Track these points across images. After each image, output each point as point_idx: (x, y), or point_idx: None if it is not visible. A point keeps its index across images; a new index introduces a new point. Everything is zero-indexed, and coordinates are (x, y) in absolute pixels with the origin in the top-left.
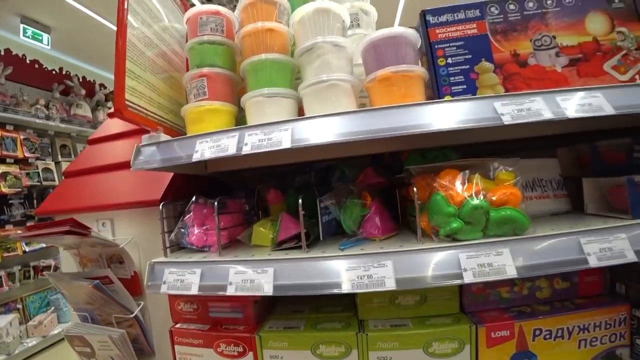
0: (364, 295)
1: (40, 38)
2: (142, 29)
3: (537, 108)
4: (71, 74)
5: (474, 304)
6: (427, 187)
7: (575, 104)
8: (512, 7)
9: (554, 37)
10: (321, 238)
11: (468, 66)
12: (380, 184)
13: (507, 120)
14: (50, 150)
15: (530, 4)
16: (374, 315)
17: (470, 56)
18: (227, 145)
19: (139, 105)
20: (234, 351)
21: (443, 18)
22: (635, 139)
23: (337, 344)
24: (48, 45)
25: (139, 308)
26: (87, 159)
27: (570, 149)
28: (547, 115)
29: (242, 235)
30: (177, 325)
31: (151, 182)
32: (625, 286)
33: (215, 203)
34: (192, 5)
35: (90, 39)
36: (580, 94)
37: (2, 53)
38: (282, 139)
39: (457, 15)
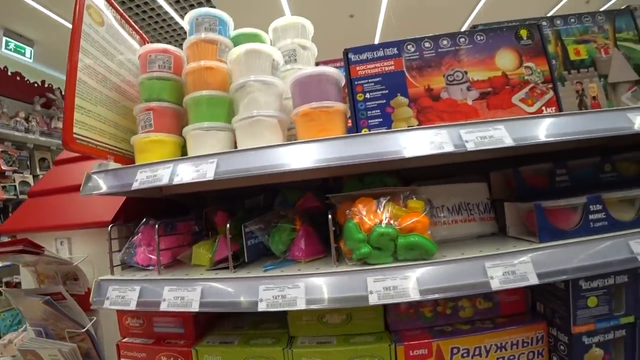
0: (293, 313)
1: (23, 51)
2: (94, 66)
3: (440, 141)
4: (53, 87)
5: (398, 323)
6: (346, 213)
7: (476, 137)
8: (427, 45)
9: (466, 73)
10: (246, 260)
11: (384, 100)
12: (317, 208)
13: (408, 153)
14: (28, 163)
15: (445, 42)
16: (303, 332)
17: (387, 91)
18: (162, 175)
19: (87, 137)
20: None
21: (364, 56)
22: (557, 163)
23: (265, 358)
24: (30, 58)
25: (91, 323)
26: (51, 180)
27: (501, 173)
28: (449, 148)
29: (182, 255)
30: (124, 340)
31: (107, 204)
32: (544, 305)
33: (157, 226)
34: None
35: None
36: (483, 126)
37: None
38: (208, 170)
39: (376, 53)
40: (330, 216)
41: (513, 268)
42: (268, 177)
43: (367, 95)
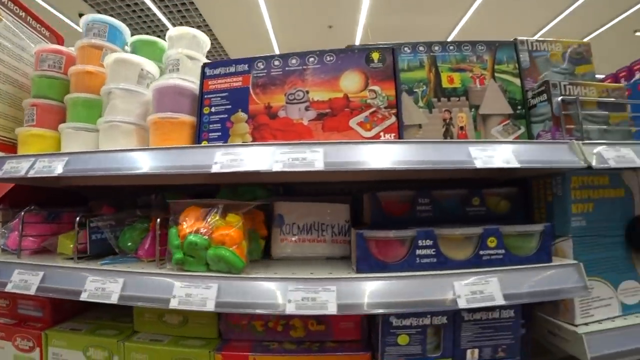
0: (137, 309)
1: None
2: None
3: (255, 159)
4: None
5: (229, 332)
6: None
7: (288, 158)
8: (276, 63)
9: (307, 92)
10: (88, 253)
11: (226, 115)
12: None
13: (216, 169)
14: None
15: (294, 61)
16: (146, 329)
17: (230, 106)
18: (22, 168)
19: None
20: (25, 345)
21: (217, 71)
22: (419, 192)
23: (102, 348)
24: None
25: None
26: None
27: (368, 197)
28: (261, 167)
29: (47, 243)
30: None
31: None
32: (369, 335)
33: (22, 213)
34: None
35: None
36: (300, 148)
37: None
38: (57, 167)
39: (229, 69)
40: (158, 220)
41: (315, 295)
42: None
43: (213, 109)
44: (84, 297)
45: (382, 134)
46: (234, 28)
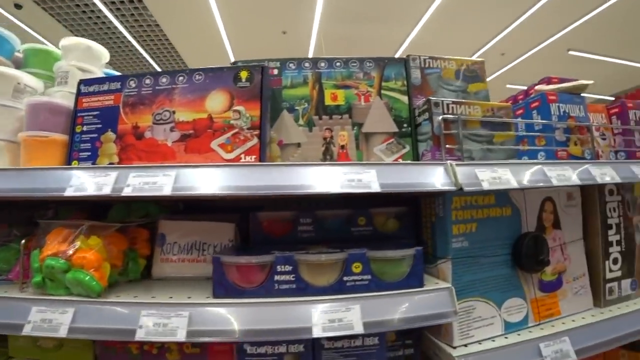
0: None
1: None
2: None
3: (103, 183)
4: None
5: (106, 356)
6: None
7: (140, 182)
8: (147, 81)
9: (174, 112)
10: None
11: (96, 135)
12: None
13: (69, 193)
14: None
15: (164, 80)
16: (21, 354)
17: (100, 126)
18: None
19: None
20: None
21: (92, 88)
22: (301, 212)
23: None
24: None
25: None
26: None
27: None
28: (107, 191)
29: None
30: None
31: None
32: None
33: None
34: None
35: None
36: (154, 171)
37: None
38: None
39: (102, 87)
40: (23, 241)
41: (167, 321)
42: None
43: (84, 128)
44: None
45: (242, 155)
46: (189, 35)
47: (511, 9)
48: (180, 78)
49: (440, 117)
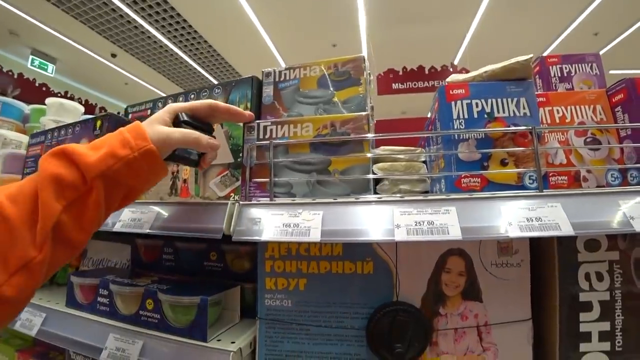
0: None
1: (46, 67)
2: None
3: None
4: (75, 97)
5: None
6: None
7: None
8: (56, 133)
9: None
10: None
11: None
12: None
13: None
14: None
15: (62, 132)
16: None
17: (34, 169)
18: None
19: None
20: None
21: (34, 140)
22: (165, 242)
23: None
24: (52, 73)
25: None
26: None
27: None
28: None
29: None
30: None
31: None
32: None
33: None
34: None
35: (91, 69)
36: None
37: (16, 77)
38: None
39: (38, 138)
40: None
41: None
42: None
43: (27, 171)
44: None
45: None
46: (242, 53)
47: None
48: (70, 130)
49: (248, 145)
